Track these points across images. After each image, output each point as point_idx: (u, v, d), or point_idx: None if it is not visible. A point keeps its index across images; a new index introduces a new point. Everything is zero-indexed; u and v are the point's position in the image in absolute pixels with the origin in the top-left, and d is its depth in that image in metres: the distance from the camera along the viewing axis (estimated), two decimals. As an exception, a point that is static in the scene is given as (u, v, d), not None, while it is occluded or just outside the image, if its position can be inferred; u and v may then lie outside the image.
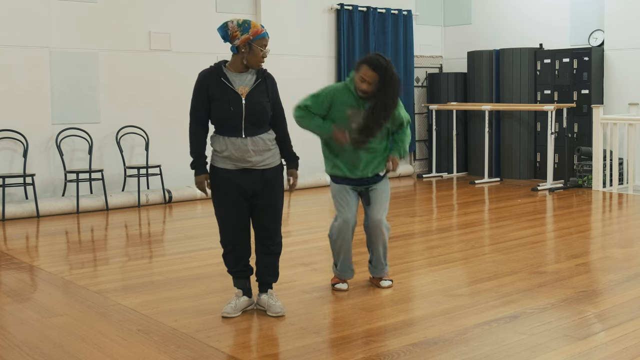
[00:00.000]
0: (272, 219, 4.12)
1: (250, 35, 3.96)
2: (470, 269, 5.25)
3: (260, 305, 4.24)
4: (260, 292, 4.26)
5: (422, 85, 11.83)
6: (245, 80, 4.03)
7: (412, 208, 8.28)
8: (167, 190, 8.56)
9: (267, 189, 4.07)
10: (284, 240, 4.31)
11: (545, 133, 10.01)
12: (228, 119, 3.96)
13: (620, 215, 7.88)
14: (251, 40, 3.96)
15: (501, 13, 11.30)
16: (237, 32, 3.95)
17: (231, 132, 3.98)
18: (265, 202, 4.07)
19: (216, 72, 3.99)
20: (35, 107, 7.95)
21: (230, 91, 3.96)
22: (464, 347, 3.60)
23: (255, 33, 3.97)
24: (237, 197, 4.02)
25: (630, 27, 9.58)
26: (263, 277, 4.21)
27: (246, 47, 3.97)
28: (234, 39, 3.96)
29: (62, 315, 4.24)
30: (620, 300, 4.39)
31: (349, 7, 10.59)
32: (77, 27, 8.31)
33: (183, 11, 9.05)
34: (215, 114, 3.98)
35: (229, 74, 4.01)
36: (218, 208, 4.09)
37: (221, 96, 3.95)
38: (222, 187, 4.03)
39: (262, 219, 4.10)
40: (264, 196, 4.06)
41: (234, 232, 4.08)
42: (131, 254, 6.01)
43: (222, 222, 4.10)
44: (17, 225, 7.31)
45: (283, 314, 4.13)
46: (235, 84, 3.99)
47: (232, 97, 3.96)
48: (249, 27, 3.97)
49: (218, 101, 3.95)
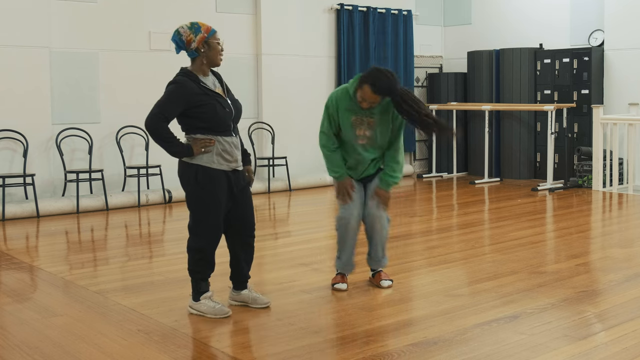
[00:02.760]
0: (252, 211, 4.20)
1: (204, 33, 3.97)
2: (470, 269, 5.25)
3: (240, 301, 4.28)
4: (238, 289, 4.30)
5: (422, 85, 11.83)
6: (213, 82, 4.07)
7: (412, 208, 8.28)
8: (167, 190, 8.56)
9: (244, 183, 4.16)
10: (284, 240, 4.31)
11: (545, 133, 10.01)
12: (225, 119, 3.97)
13: (620, 215, 7.88)
14: (207, 38, 3.97)
15: (501, 13, 11.30)
16: (190, 35, 3.95)
17: (226, 132, 4.00)
18: (246, 196, 4.15)
19: (192, 79, 3.96)
20: (35, 107, 7.95)
21: (214, 93, 3.98)
22: (464, 347, 3.60)
23: (207, 30, 3.99)
24: (226, 202, 4.03)
25: (630, 27, 9.58)
26: (243, 273, 4.26)
27: (205, 46, 3.98)
28: (189, 43, 3.95)
29: (62, 315, 4.24)
30: (620, 300, 4.39)
31: (349, 7, 10.59)
32: (77, 27, 8.31)
33: (183, 11, 9.05)
34: (208, 115, 3.92)
35: (201, 78, 4.01)
36: (208, 212, 4.01)
37: (209, 99, 3.94)
38: (218, 190, 3.99)
39: (246, 213, 4.15)
40: (244, 191, 4.14)
41: (217, 238, 4.09)
42: (131, 254, 6.01)
43: (208, 228, 4.04)
44: (17, 225, 7.31)
45: (269, 304, 4.22)
46: (210, 87, 4.01)
47: (219, 98, 3.99)
48: (200, 27, 3.98)
49: (207, 105, 3.92)
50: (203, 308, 4.13)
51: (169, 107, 3.91)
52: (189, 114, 3.94)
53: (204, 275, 4.15)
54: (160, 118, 3.90)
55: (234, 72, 8.97)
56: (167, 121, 3.92)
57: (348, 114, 4.42)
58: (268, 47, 9.74)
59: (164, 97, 3.94)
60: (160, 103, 3.93)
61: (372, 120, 4.42)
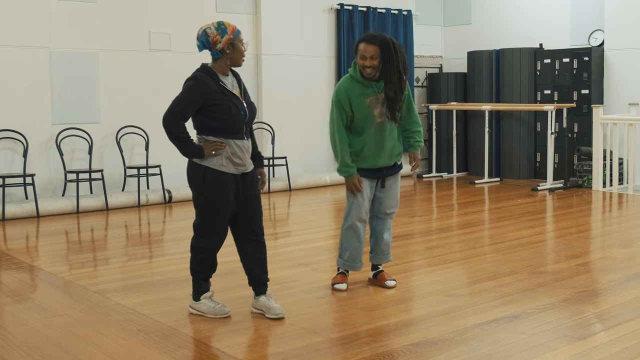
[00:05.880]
0: (260, 215, 4.17)
1: (230, 35, 3.95)
2: (470, 269, 5.25)
3: (257, 308, 4.19)
4: (256, 294, 4.21)
5: (422, 85, 11.84)
6: (232, 83, 4.05)
7: (412, 208, 8.28)
8: (167, 190, 8.56)
9: (254, 187, 4.11)
10: (284, 240, 4.31)
11: (545, 133, 10.01)
12: (238, 121, 3.95)
13: (620, 215, 7.87)
14: (233, 39, 3.96)
15: (501, 13, 11.30)
16: (217, 36, 3.92)
17: (238, 134, 3.98)
18: (256, 200, 4.12)
19: (211, 76, 3.94)
20: (35, 107, 7.95)
21: (231, 94, 3.96)
22: (464, 347, 3.60)
23: (233, 31, 3.96)
24: (232, 204, 4.02)
25: (630, 27, 9.58)
26: (261, 277, 4.18)
27: (230, 48, 3.96)
28: (215, 43, 3.92)
29: (62, 315, 4.24)
30: (620, 300, 4.39)
31: (349, 7, 10.60)
32: (77, 27, 8.31)
33: (183, 11, 9.05)
34: (222, 116, 3.90)
35: (221, 77, 3.99)
36: (213, 214, 3.99)
37: (225, 100, 3.91)
38: (225, 193, 3.97)
39: (254, 217, 4.11)
40: (253, 195, 4.09)
41: (221, 239, 4.08)
42: (131, 254, 6.01)
43: (213, 229, 4.02)
44: (17, 225, 7.31)
45: (283, 316, 4.09)
46: (228, 87, 3.99)
47: (235, 99, 3.96)
48: (226, 27, 3.95)
49: (221, 105, 3.89)
50: (203, 308, 4.13)
51: (187, 103, 3.88)
52: (204, 112, 3.91)
53: (205, 275, 4.15)
54: (178, 116, 3.87)
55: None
56: (184, 119, 3.90)
57: (362, 99, 4.44)
58: (268, 47, 9.74)
59: (182, 93, 3.91)
60: (178, 99, 3.90)
61: (384, 95, 4.44)
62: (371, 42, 4.37)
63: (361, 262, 4.74)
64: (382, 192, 4.65)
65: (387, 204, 4.67)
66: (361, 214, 4.59)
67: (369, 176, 4.58)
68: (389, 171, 4.63)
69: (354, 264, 4.70)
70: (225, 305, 4.20)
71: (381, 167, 4.59)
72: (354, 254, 4.67)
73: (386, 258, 4.80)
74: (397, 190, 4.71)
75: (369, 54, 4.36)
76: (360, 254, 4.70)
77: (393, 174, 4.66)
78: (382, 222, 4.72)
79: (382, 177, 4.62)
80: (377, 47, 4.35)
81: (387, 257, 4.80)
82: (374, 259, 4.81)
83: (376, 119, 4.46)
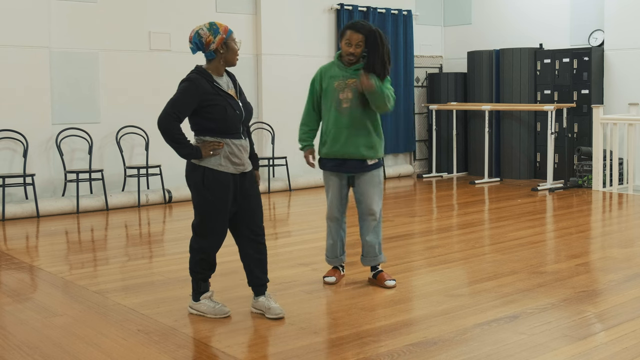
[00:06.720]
0: (261, 215, 4.17)
1: (223, 34, 3.95)
2: (470, 269, 5.25)
3: (257, 308, 4.18)
4: (257, 294, 4.20)
5: (422, 85, 11.83)
6: (227, 83, 4.05)
7: (412, 208, 8.28)
8: (167, 190, 8.57)
9: (253, 187, 4.11)
10: (284, 240, 4.31)
11: (545, 133, 10.01)
12: (234, 121, 3.95)
13: (620, 215, 7.88)
14: (225, 39, 3.96)
15: (501, 13, 11.30)
16: (210, 36, 3.93)
17: (235, 134, 3.98)
18: (256, 200, 4.11)
19: (206, 77, 3.94)
20: (35, 107, 7.95)
21: (226, 94, 3.96)
22: (464, 347, 3.60)
23: (225, 31, 3.97)
24: (231, 204, 4.01)
25: (630, 27, 9.58)
26: (260, 278, 4.18)
27: (224, 47, 3.97)
28: (208, 44, 3.93)
29: (62, 315, 4.24)
30: (620, 300, 4.39)
31: (349, 7, 10.60)
32: (77, 27, 8.31)
33: (183, 11, 9.05)
34: (218, 116, 3.90)
35: (215, 78, 3.99)
36: (212, 214, 3.98)
37: (220, 100, 3.92)
38: (224, 193, 3.96)
39: (254, 217, 4.11)
40: (252, 195, 4.09)
41: (220, 240, 4.07)
42: (131, 254, 6.01)
43: (212, 229, 4.02)
44: (17, 225, 7.31)
45: (283, 316, 4.09)
46: (223, 87, 3.99)
47: (230, 100, 3.96)
48: (218, 27, 3.96)
49: (217, 105, 3.89)
50: (203, 308, 4.13)
51: (182, 105, 3.88)
52: (199, 113, 3.91)
53: (204, 276, 4.15)
54: (173, 118, 3.87)
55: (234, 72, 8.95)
56: (179, 121, 3.89)
57: (332, 81, 4.57)
58: (268, 47, 9.74)
59: (176, 95, 3.91)
60: (173, 101, 3.90)
61: (354, 80, 4.49)
62: (358, 31, 4.44)
63: (338, 258, 4.84)
64: (358, 193, 4.67)
65: (362, 209, 4.67)
66: (332, 212, 4.69)
67: (336, 169, 4.60)
68: (356, 168, 4.59)
69: (330, 259, 4.87)
70: (225, 305, 4.21)
71: (345, 159, 4.57)
72: (329, 250, 4.84)
73: (374, 260, 4.77)
74: (372, 195, 4.61)
75: (354, 41, 4.45)
76: (334, 251, 4.81)
77: (361, 171, 4.59)
78: (364, 224, 4.71)
79: (351, 173, 4.61)
80: (363, 36, 4.43)
81: (376, 259, 4.77)
82: (362, 260, 4.84)
83: (342, 104, 4.53)
